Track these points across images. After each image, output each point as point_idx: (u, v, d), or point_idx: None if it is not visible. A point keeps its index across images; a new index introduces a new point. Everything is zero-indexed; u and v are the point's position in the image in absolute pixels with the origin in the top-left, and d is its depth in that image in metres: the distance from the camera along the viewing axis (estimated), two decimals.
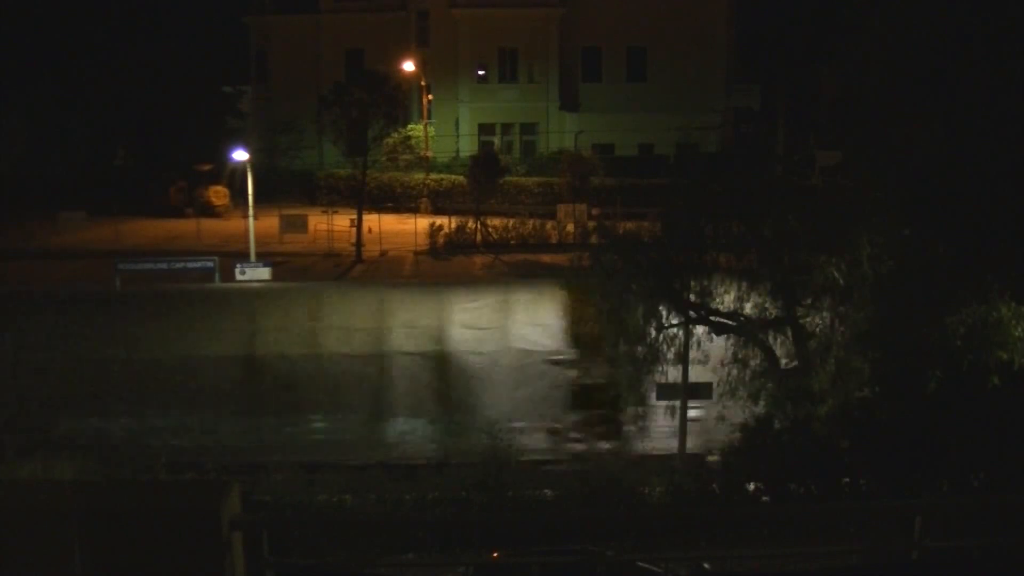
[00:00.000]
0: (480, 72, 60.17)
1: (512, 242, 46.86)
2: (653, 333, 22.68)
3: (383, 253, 46.31)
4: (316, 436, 31.76)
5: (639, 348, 22.57)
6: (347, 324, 35.50)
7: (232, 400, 32.54)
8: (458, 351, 34.64)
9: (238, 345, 34.81)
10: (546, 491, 22.75)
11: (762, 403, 21.96)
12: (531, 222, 47.81)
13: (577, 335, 32.34)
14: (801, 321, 22.04)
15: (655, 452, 28.31)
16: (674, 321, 23.11)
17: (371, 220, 46.82)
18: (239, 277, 39.54)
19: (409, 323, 35.46)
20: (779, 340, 22.50)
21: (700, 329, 23.64)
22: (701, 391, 24.84)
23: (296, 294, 37.78)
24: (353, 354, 34.44)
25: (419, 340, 35.03)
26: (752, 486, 21.76)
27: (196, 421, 30.66)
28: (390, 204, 53.64)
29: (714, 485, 22.22)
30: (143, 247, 46.00)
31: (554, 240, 46.53)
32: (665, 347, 22.93)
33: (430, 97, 59.18)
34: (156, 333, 34.45)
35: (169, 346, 33.99)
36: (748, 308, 22.48)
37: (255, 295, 37.67)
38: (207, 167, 55.18)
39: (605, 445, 29.63)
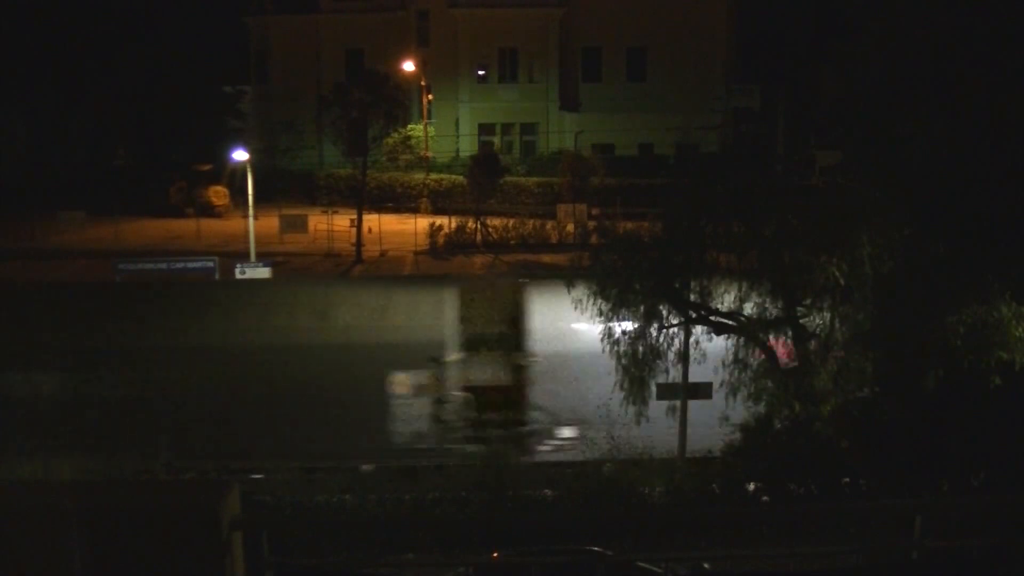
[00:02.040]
0: (480, 72, 60.18)
1: (512, 242, 46.91)
2: (654, 333, 22.68)
3: (383, 253, 46.33)
4: None
5: (640, 348, 22.57)
6: None
7: None
8: None
9: None
10: (546, 491, 22.75)
11: (763, 403, 21.96)
12: (531, 222, 47.85)
13: None
14: (801, 321, 22.04)
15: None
16: (674, 321, 23.11)
17: (371, 220, 46.86)
18: (239, 277, 39.57)
19: None
20: (780, 340, 22.50)
21: (699, 329, 23.62)
22: (701, 391, 24.81)
23: None
24: None
25: None
26: (752, 486, 21.77)
27: None
28: (390, 204, 53.66)
29: (714, 485, 22.22)
30: (143, 247, 46.05)
31: (554, 240, 46.59)
32: (665, 346, 22.93)
33: (430, 97, 59.18)
34: None
35: None
36: (748, 308, 22.48)
37: None
38: (207, 167, 55.21)
39: None
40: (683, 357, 23.73)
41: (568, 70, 60.29)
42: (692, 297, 22.96)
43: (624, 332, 22.51)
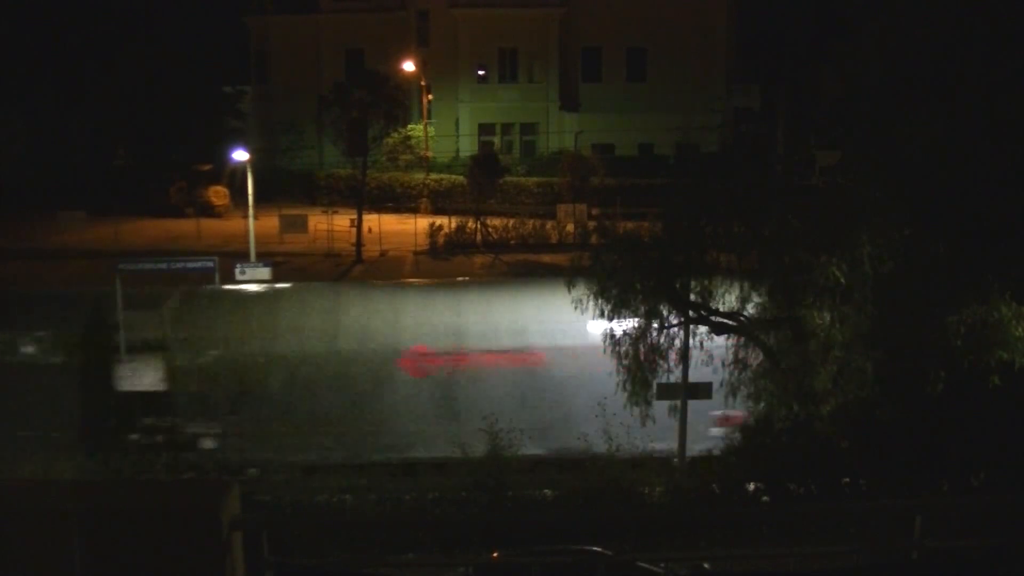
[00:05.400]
0: (480, 72, 60.18)
1: (512, 242, 46.90)
2: (655, 333, 22.67)
3: (383, 253, 46.34)
4: None
5: (641, 348, 22.56)
6: None
7: None
8: None
9: None
10: (546, 491, 22.76)
11: (762, 403, 21.96)
12: (531, 222, 47.84)
13: None
14: (801, 321, 22.01)
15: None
16: (675, 321, 23.10)
17: (371, 220, 46.86)
18: (239, 277, 39.56)
19: None
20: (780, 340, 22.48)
21: (701, 329, 23.61)
22: (701, 391, 24.83)
23: None
24: None
25: None
26: (752, 486, 21.78)
27: None
28: (390, 204, 53.67)
29: (714, 485, 22.23)
30: (143, 247, 46.03)
31: (554, 240, 46.58)
32: (666, 346, 22.92)
33: (430, 97, 59.19)
34: None
35: None
36: (749, 308, 22.47)
37: None
38: (207, 167, 55.21)
39: None
40: (683, 357, 23.74)
41: (568, 70, 60.29)
42: (692, 297, 22.95)
43: (625, 332, 22.49)
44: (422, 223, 47.93)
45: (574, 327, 26.53)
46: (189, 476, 23.06)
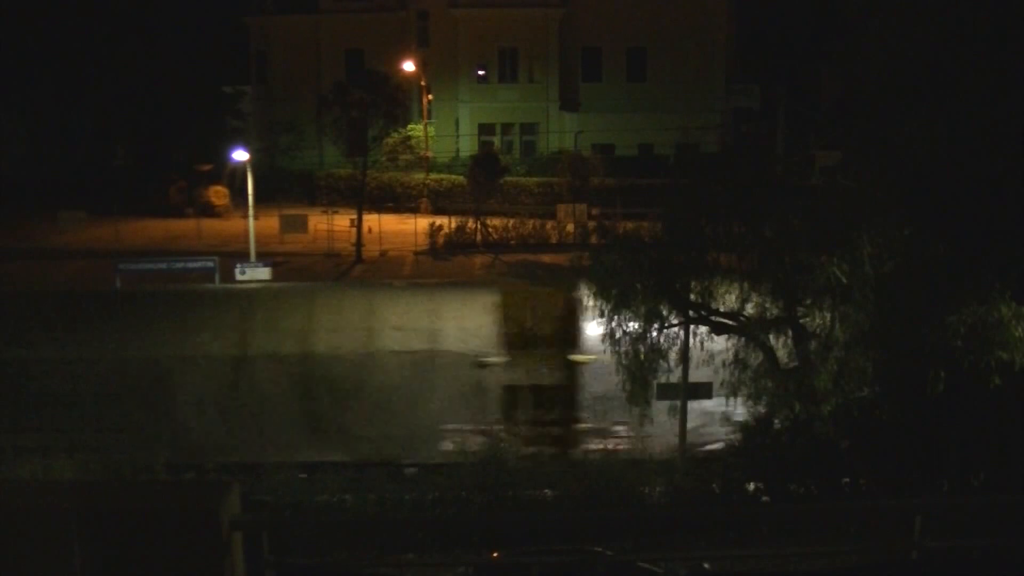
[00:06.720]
0: (480, 72, 60.15)
1: (512, 242, 46.88)
2: (655, 333, 22.67)
3: (383, 253, 46.33)
4: None
5: (641, 348, 22.56)
6: None
7: None
8: None
9: None
10: (546, 491, 22.77)
11: (763, 403, 21.96)
12: (531, 222, 47.81)
13: None
14: (801, 321, 22.03)
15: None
16: (675, 321, 23.10)
17: (371, 220, 46.84)
18: (239, 277, 39.53)
19: None
20: (780, 340, 22.48)
21: (701, 329, 23.61)
22: (701, 391, 24.84)
23: None
24: None
25: None
26: (752, 486, 21.79)
27: None
28: (390, 204, 53.64)
29: (714, 485, 22.25)
30: (143, 247, 46.02)
31: (554, 240, 46.56)
32: (666, 346, 22.92)
33: (430, 97, 59.18)
34: None
35: None
36: (749, 308, 22.48)
37: None
38: (207, 167, 55.18)
39: None
40: (683, 357, 23.74)
41: (568, 70, 60.27)
42: (692, 297, 22.95)
43: (625, 332, 22.49)
44: (422, 223, 47.92)
45: None
46: (189, 476, 23.06)
